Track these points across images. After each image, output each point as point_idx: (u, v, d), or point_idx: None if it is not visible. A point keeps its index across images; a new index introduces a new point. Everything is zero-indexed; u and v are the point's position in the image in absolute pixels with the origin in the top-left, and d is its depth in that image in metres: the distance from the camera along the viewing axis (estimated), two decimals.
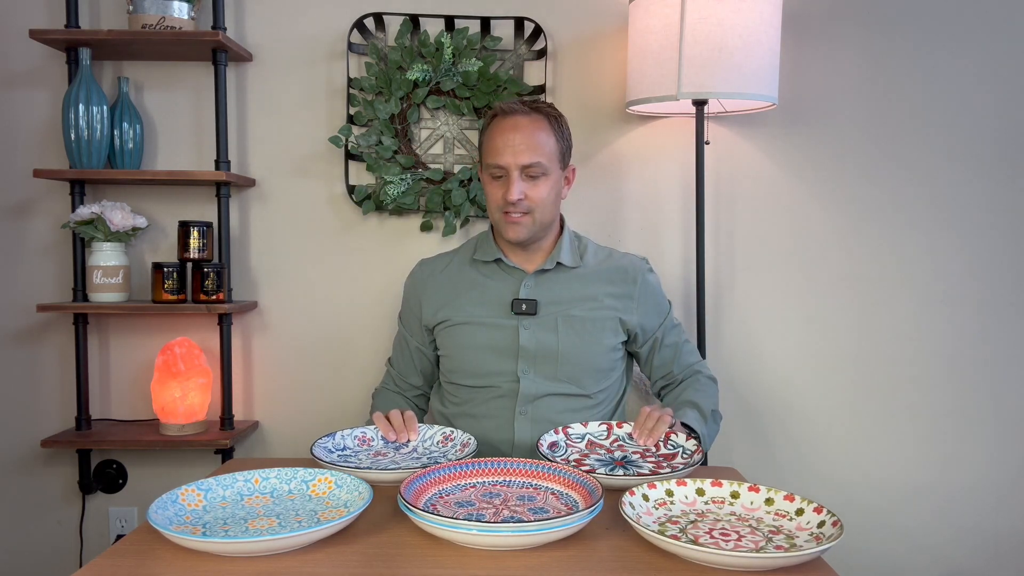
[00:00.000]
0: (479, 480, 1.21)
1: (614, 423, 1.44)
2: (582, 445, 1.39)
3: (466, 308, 1.61)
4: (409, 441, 1.46)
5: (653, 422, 1.41)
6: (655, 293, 1.69)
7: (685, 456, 1.32)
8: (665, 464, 1.31)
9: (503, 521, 1.06)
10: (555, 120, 1.57)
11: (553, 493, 1.17)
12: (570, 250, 1.63)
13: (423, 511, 1.02)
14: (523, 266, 1.62)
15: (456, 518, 1.02)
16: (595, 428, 1.43)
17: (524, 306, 1.56)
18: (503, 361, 1.56)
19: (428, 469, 1.20)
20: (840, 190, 2.07)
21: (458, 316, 1.61)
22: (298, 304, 2.06)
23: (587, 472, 1.23)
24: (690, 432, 1.46)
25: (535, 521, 1.02)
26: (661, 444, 1.39)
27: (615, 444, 1.40)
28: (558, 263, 1.61)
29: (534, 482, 1.20)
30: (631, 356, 1.74)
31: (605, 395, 1.62)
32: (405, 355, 1.74)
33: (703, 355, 1.87)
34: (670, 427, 1.41)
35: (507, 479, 1.22)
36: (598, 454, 1.35)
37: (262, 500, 1.15)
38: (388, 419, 1.48)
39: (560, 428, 1.43)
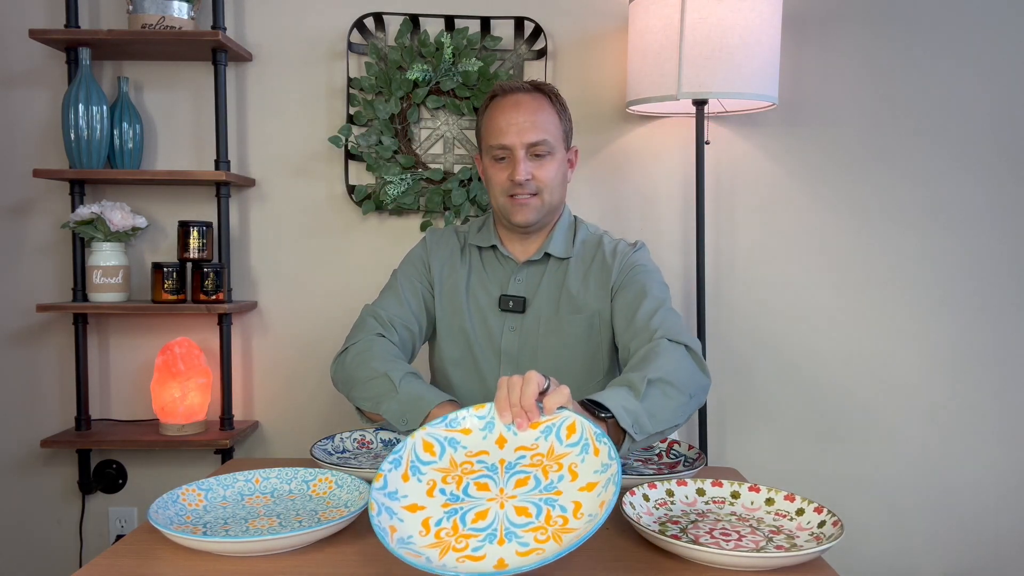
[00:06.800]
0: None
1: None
2: None
3: (460, 293, 1.53)
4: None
5: (517, 389, 1.04)
6: (631, 271, 1.47)
7: (687, 464, 1.31)
8: (667, 473, 1.30)
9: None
10: (555, 98, 1.49)
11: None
12: (563, 239, 1.53)
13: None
14: (516, 255, 1.53)
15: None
16: None
17: (511, 303, 1.49)
18: (486, 360, 1.51)
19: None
20: (839, 189, 2.07)
21: (453, 300, 1.53)
22: (298, 304, 2.06)
23: None
24: (597, 411, 1.11)
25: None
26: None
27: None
28: (546, 254, 1.51)
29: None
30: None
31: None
32: (398, 297, 1.52)
33: (703, 354, 1.61)
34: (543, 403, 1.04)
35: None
36: None
37: (262, 500, 1.15)
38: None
39: None
